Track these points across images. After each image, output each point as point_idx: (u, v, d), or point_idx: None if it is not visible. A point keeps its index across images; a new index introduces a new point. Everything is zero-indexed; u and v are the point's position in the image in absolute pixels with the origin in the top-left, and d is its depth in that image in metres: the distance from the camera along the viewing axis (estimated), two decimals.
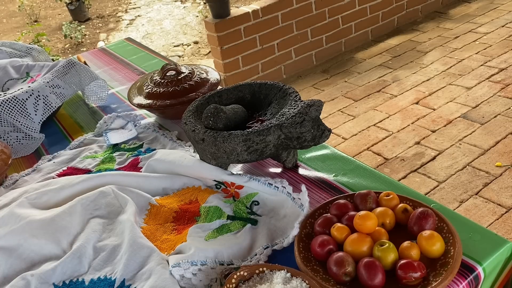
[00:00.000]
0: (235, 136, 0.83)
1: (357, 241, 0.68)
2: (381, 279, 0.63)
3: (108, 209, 0.86)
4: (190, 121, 0.91)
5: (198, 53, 4.82)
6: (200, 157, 0.93)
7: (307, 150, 0.97)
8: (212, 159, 0.89)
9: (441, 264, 0.65)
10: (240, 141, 0.83)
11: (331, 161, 0.94)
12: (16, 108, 1.16)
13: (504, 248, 0.69)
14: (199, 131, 0.87)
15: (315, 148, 0.98)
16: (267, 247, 0.74)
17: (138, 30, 5.75)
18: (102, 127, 1.18)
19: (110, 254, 0.77)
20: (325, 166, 0.92)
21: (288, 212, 0.81)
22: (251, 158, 0.86)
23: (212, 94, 1.01)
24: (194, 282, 0.70)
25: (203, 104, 0.98)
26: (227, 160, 0.88)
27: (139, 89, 1.19)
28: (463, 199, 2.33)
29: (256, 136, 0.83)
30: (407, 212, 0.73)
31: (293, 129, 0.82)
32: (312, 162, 0.94)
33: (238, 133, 0.83)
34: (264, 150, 0.85)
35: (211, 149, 0.86)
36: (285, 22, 3.34)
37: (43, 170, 1.06)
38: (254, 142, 0.83)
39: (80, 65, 1.29)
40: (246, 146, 0.83)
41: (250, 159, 0.86)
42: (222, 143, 0.83)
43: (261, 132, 0.83)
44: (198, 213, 0.84)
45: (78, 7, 6.12)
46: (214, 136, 0.84)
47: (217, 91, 1.01)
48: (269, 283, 0.63)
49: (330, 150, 0.98)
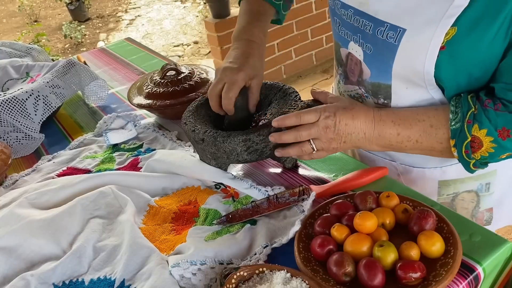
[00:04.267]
0: (235, 136, 0.83)
1: (357, 241, 0.68)
2: (381, 279, 0.63)
3: (108, 209, 0.86)
4: (190, 121, 0.91)
5: (198, 53, 4.82)
6: (200, 157, 0.93)
7: None
8: (212, 159, 0.89)
9: (441, 264, 0.65)
10: (240, 141, 0.82)
11: (331, 161, 0.94)
12: (16, 108, 1.16)
13: (504, 248, 0.69)
14: (198, 131, 0.87)
15: None
16: (267, 246, 0.74)
17: (138, 30, 5.75)
18: (102, 127, 1.18)
19: (110, 254, 0.77)
20: (325, 166, 0.92)
21: (288, 214, 0.81)
22: (251, 158, 0.86)
23: None
24: (194, 282, 0.70)
25: (203, 104, 0.98)
26: (227, 160, 0.88)
27: (139, 89, 1.19)
28: None
29: (256, 136, 0.82)
30: (407, 212, 0.73)
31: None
32: (312, 162, 0.94)
33: (238, 133, 0.83)
34: (264, 150, 0.85)
35: (211, 149, 0.86)
36: (285, 22, 3.34)
37: (43, 170, 1.06)
38: (254, 142, 0.83)
39: (80, 65, 1.29)
40: (246, 146, 0.83)
41: (250, 159, 0.86)
42: (222, 143, 0.83)
43: (261, 132, 0.83)
44: (197, 214, 0.84)
45: (78, 7, 6.12)
46: (214, 136, 0.84)
47: None
48: (269, 283, 0.63)
49: None
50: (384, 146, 0.82)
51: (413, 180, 0.94)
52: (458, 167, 0.84)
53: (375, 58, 0.84)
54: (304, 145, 0.81)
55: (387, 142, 0.81)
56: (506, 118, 0.73)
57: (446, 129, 0.77)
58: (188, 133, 0.90)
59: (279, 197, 0.83)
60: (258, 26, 0.98)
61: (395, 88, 0.84)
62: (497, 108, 0.74)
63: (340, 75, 0.99)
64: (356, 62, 0.90)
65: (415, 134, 0.79)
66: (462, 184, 0.92)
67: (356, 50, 0.88)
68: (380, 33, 0.80)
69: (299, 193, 0.82)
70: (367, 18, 0.82)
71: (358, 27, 0.85)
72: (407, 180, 0.95)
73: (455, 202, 0.95)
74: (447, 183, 0.93)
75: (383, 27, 0.80)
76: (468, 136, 0.75)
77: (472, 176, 0.89)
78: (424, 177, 0.93)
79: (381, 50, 0.82)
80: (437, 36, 0.74)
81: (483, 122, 0.74)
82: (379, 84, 0.86)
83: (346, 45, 0.92)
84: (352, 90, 0.95)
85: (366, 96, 0.91)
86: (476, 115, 0.75)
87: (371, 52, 0.84)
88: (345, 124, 0.79)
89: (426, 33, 0.75)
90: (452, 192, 0.94)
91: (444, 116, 0.78)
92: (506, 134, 0.74)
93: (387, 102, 0.87)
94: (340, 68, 0.98)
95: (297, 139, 0.81)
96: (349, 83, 0.95)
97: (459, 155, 0.78)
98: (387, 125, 0.80)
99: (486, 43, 0.73)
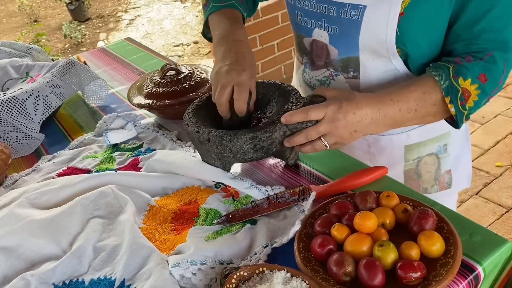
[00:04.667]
0: (241, 135, 0.82)
1: (357, 241, 0.68)
2: (381, 279, 0.63)
3: (108, 209, 0.86)
4: (192, 122, 0.90)
5: (198, 53, 4.82)
6: (203, 158, 0.92)
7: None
8: (217, 159, 0.89)
9: (441, 264, 0.65)
10: (247, 139, 0.82)
11: (331, 161, 0.94)
12: (16, 108, 1.16)
13: (504, 248, 0.69)
14: (203, 131, 0.86)
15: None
16: (267, 246, 0.74)
17: (138, 30, 5.75)
18: (102, 127, 1.18)
19: (110, 254, 0.77)
20: (325, 166, 0.92)
21: (288, 214, 0.81)
22: (257, 156, 0.86)
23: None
24: (194, 281, 0.70)
25: (202, 106, 0.97)
26: (233, 160, 0.87)
27: (139, 89, 1.19)
28: (463, 199, 2.33)
29: (263, 134, 0.82)
30: (407, 212, 0.73)
31: (299, 124, 0.82)
32: (312, 161, 0.94)
33: (245, 131, 0.83)
34: (270, 148, 0.85)
35: (217, 149, 0.85)
36: (285, 22, 3.34)
37: (43, 170, 1.06)
38: (260, 140, 0.83)
39: (80, 65, 1.29)
40: (252, 144, 0.83)
41: (256, 157, 0.86)
42: (228, 142, 0.83)
43: (268, 129, 0.83)
44: (197, 214, 0.85)
45: (78, 7, 6.12)
46: (220, 136, 0.84)
47: None
48: (269, 283, 0.63)
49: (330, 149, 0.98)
50: (389, 125, 0.87)
51: (382, 148, 1.03)
52: (420, 130, 1.00)
53: (342, 36, 0.93)
54: (316, 143, 0.84)
55: (392, 120, 0.86)
56: (480, 65, 0.84)
57: (437, 92, 0.85)
58: (192, 134, 0.89)
59: (279, 197, 0.83)
60: (240, 28, 1.00)
61: (362, 59, 0.93)
62: (468, 60, 0.85)
63: (305, 64, 1.07)
64: (322, 46, 0.98)
65: (413, 104, 0.85)
66: (424, 147, 1.03)
67: (321, 35, 0.97)
68: (344, 13, 0.90)
69: (299, 193, 0.82)
70: (329, 3, 0.92)
71: (322, 13, 0.94)
72: (377, 149, 1.03)
73: (420, 167, 1.05)
74: (412, 148, 1.03)
75: (346, 7, 0.89)
76: (459, 89, 0.84)
77: (432, 138, 1.02)
78: (392, 144, 1.02)
79: (347, 28, 0.91)
80: (395, 5, 0.84)
81: (465, 73, 0.84)
82: (348, 58, 0.95)
83: (310, 34, 0.99)
84: (319, 74, 1.03)
85: (336, 75, 0.99)
86: (456, 71, 0.84)
87: (336, 32, 0.93)
88: (353, 114, 0.83)
89: (385, 4, 0.84)
90: (416, 157, 1.04)
91: (431, 82, 0.86)
92: (483, 79, 0.84)
93: (356, 74, 0.95)
94: (306, 57, 1.06)
95: (308, 139, 0.83)
96: (316, 68, 1.03)
97: (456, 109, 0.85)
98: (388, 105, 0.85)
99: (435, 7, 0.84)
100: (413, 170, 1.05)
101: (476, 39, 0.85)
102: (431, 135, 1.02)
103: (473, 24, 0.84)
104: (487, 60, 0.84)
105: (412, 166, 1.04)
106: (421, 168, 1.05)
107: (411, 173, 1.05)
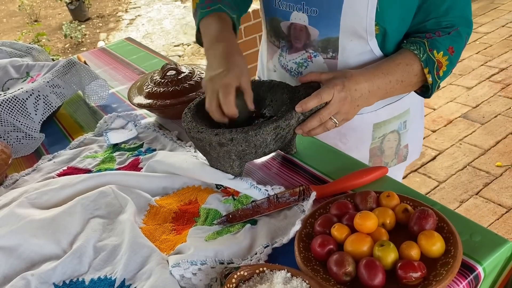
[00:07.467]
0: (265, 126, 0.82)
1: (357, 241, 0.68)
2: (381, 279, 0.63)
3: (108, 209, 0.86)
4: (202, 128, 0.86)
5: (198, 53, 4.82)
6: (213, 164, 0.90)
7: (308, 149, 0.98)
8: (236, 159, 0.86)
9: (441, 264, 0.65)
10: (271, 129, 0.82)
11: (331, 161, 0.94)
12: (16, 108, 1.16)
13: (504, 248, 0.69)
14: (223, 133, 0.83)
15: (316, 148, 0.98)
16: (267, 246, 0.74)
17: (138, 30, 5.75)
18: (102, 127, 1.18)
19: (110, 254, 0.77)
20: (325, 166, 0.93)
21: (288, 214, 0.81)
22: (275, 147, 0.86)
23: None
24: (194, 281, 0.70)
25: (198, 110, 0.96)
26: (254, 156, 0.86)
27: (139, 88, 1.19)
28: (464, 199, 2.33)
29: (283, 122, 0.83)
30: (407, 212, 0.73)
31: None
32: (312, 161, 0.94)
33: (267, 123, 0.83)
34: (287, 136, 0.87)
35: (240, 147, 0.83)
36: None
37: (43, 170, 1.06)
38: (281, 129, 0.84)
39: (80, 65, 1.29)
40: (275, 134, 0.83)
41: (274, 148, 0.87)
42: (254, 136, 0.82)
43: (286, 117, 0.84)
44: (198, 214, 0.85)
45: (78, 7, 6.12)
46: (245, 131, 0.82)
47: None
48: (269, 283, 0.63)
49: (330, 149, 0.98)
50: (381, 96, 0.95)
51: (353, 128, 1.07)
52: (387, 109, 1.08)
53: (322, 17, 0.97)
54: (327, 123, 0.89)
55: (383, 92, 0.94)
56: (448, 39, 0.95)
57: (417, 63, 0.94)
58: (209, 138, 0.84)
59: (280, 197, 0.83)
60: (229, 31, 1.00)
61: (341, 40, 0.98)
62: (439, 35, 0.95)
63: (283, 48, 1.09)
64: (300, 28, 1.02)
65: (400, 75, 0.94)
66: (389, 125, 1.10)
67: (299, 17, 1.01)
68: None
69: (300, 193, 0.82)
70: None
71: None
72: (347, 129, 1.07)
73: (383, 144, 1.13)
74: (379, 125, 1.09)
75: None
76: (435, 60, 0.94)
77: (396, 116, 1.10)
78: (362, 123, 1.08)
79: (328, 8, 0.95)
80: None
81: (438, 47, 0.94)
82: (329, 39, 0.99)
83: (288, 17, 1.03)
84: (297, 56, 1.06)
85: (315, 56, 1.03)
86: (431, 45, 0.94)
87: (316, 14, 0.97)
88: (355, 90, 0.89)
89: None
90: (381, 135, 1.11)
91: (411, 55, 0.94)
92: (451, 51, 0.95)
93: (334, 55, 1.00)
94: (283, 41, 1.08)
95: (321, 121, 0.87)
96: (294, 51, 1.06)
97: (433, 79, 0.95)
98: (380, 77, 0.93)
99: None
100: (377, 148, 1.12)
101: (444, 16, 0.94)
102: (395, 112, 1.09)
103: (440, 3, 0.93)
104: (454, 35, 0.95)
105: (377, 143, 1.12)
106: (385, 145, 1.13)
107: (376, 150, 1.12)
